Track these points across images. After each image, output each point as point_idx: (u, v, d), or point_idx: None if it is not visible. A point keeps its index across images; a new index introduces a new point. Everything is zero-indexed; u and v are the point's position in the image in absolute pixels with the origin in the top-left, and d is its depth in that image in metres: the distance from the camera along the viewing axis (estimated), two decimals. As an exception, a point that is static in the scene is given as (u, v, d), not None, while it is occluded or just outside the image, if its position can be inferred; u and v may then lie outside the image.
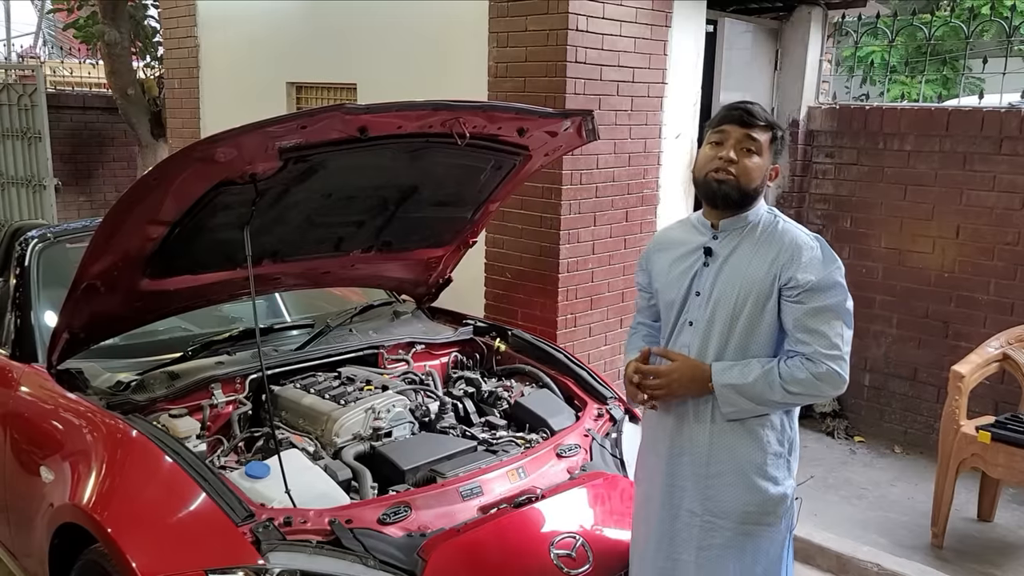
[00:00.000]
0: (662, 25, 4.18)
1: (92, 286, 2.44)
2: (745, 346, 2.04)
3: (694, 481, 2.09)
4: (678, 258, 2.15)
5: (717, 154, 2.03)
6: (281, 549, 2.03)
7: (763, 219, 2.08)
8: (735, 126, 2.02)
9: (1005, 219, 4.32)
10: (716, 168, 2.02)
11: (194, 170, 2.21)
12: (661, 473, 2.15)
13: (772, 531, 2.09)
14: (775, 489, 2.07)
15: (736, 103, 2.07)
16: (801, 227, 2.08)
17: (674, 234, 2.24)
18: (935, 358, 4.59)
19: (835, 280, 1.99)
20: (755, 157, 2.02)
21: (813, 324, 1.97)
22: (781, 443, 2.09)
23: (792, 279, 1.98)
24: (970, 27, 4.84)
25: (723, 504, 2.07)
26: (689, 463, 2.10)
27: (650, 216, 4.36)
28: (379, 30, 4.63)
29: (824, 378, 1.96)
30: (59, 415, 2.59)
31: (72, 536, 2.29)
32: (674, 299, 2.14)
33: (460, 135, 2.50)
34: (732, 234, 2.08)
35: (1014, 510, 3.98)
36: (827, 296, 1.97)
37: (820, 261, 1.99)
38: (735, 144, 2.01)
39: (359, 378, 2.94)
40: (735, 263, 2.05)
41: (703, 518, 2.08)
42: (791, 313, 1.99)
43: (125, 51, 7.28)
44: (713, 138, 2.06)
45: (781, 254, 2.00)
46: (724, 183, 2.02)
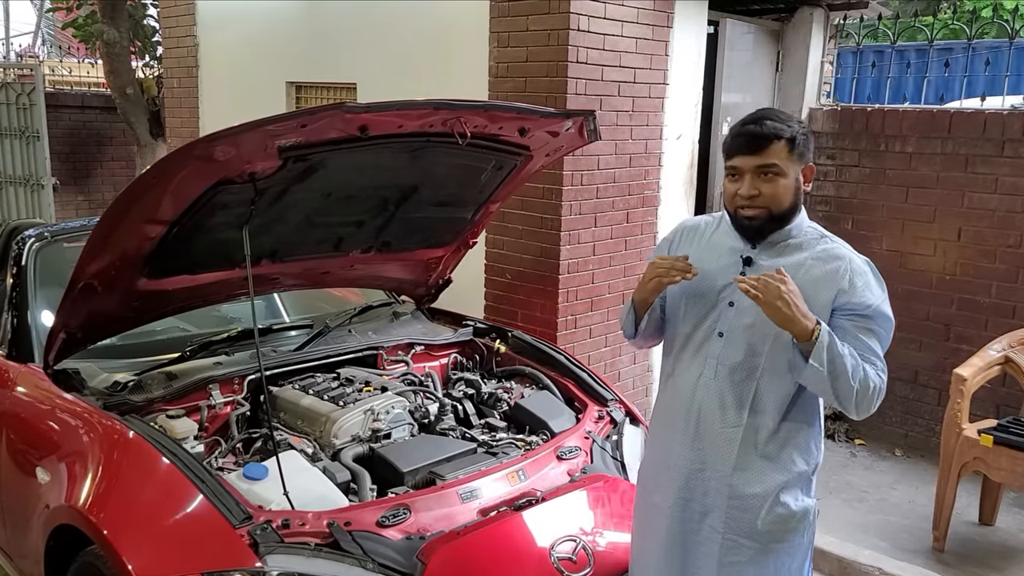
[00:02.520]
0: (663, 26, 4.17)
1: (89, 285, 2.42)
2: (780, 364, 1.93)
3: (715, 498, 1.99)
4: (711, 256, 2.03)
5: (736, 190, 1.92)
6: (279, 552, 2.01)
7: (807, 234, 1.99)
8: (744, 157, 1.91)
9: (1007, 221, 4.31)
10: (741, 205, 1.93)
11: (193, 169, 2.19)
12: (676, 487, 2.04)
13: (794, 546, 2.02)
14: (798, 506, 1.99)
15: (740, 127, 1.94)
16: (848, 246, 2.00)
17: (705, 229, 2.11)
18: (936, 361, 4.57)
19: (885, 311, 1.94)
20: (779, 180, 1.90)
21: (867, 343, 1.91)
22: (806, 462, 2.01)
23: (848, 303, 1.91)
24: (972, 29, 4.83)
25: (747, 524, 1.97)
26: (712, 479, 2.00)
27: (651, 217, 4.35)
28: (379, 30, 4.62)
29: (878, 395, 1.90)
30: (55, 416, 2.57)
31: (68, 538, 2.27)
32: (700, 296, 2.02)
33: (461, 135, 2.48)
34: (774, 247, 1.98)
35: (1016, 514, 3.97)
36: (877, 324, 1.93)
37: (875, 288, 1.94)
38: (751, 178, 1.90)
39: (358, 379, 2.92)
40: None
41: (725, 536, 1.99)
42: (844, 331, 1.90)
43: (124, 50, 7.26)
44: (728, 171, 1.95)
45: (838, 279, 1.92)
46: (754, 219, 1.93)
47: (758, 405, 1.96)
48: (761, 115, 1.94)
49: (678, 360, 2.09)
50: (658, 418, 2.17)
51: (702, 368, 2.01)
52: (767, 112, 1.96)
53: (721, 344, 1.99)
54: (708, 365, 2.00)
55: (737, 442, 1.97)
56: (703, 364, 2.01)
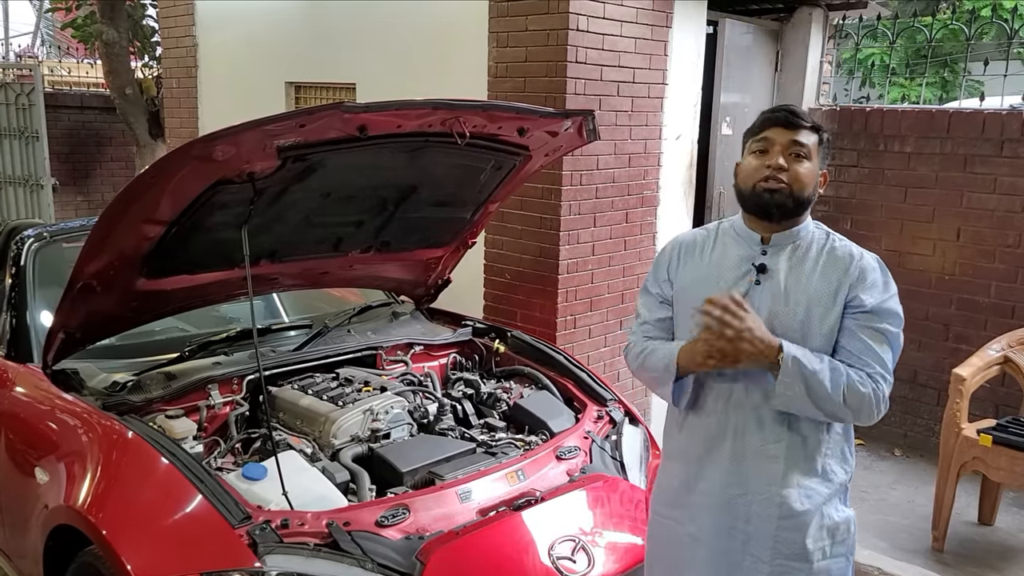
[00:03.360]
0: (663, 26, 4.17)
1: (88, 286, 2.41)
2: None
3: (760, 523, 1.89)
4: (719, 274, 1.94)
5: (764, 163, 1.86)
6: (278, 552, 2.01)
7: (814, 233, 1.95)
8: (780, 129, 1.86)
9: (1006, 221, 4.31)
10: (765, 177, 1.86)
11: (192, 168, 2.19)
12: (713, 515, 1.93)
13: (839, 559, 1.95)
14: (840, 517, 1.94)
15: (777, 106, 1.93)
16: (855, 244, 1.95)
17: (704, 244, 2.01)
18: (935, 361, 4.58)
19: (894, 309, 1.89)
20: (805, 162, 1.86)
21: (872, 344, 1.86)
22: (846, 471, 1.97)
23: (857, 298, 1.86)
24: (971, 29, 4.83)
25: (797, 545, 1.89)
26: (755, 503, 1.89)
27: (650, 217, 4.35)
28: (378, 30, 4.62)
29: (878, 399, 1.85)
30: (54, 416, 2.57)
31: (67, 538, 2.27)
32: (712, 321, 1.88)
33: (460, 134, 2.48)
34: (784, 249, 1.92)
35: (1015, 514, 3.97)
36: (883, 321, 1.87)
37: (881, 287, 1.89)
38: (783, 150, 1.85)
39: (357, 379, 2.92)
40: (796, 282, 1.88)
41: (772, 564, 1.88)
42: (849, 331, 1.87)
43: (123, 51, 7.26)
44: (756, 146, 1.89)
45: (849, 272, 1.87)
46: (777, 192, 1.85)
47: (795, 416, 1.88)
48: (797, 107, 1.94)
49: (702, 384, 1.95)
50: (680, 445, 2.02)
51: (731, 388, 1.91)
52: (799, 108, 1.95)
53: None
54: (738, 383, 1.90)
55: (781, 458, 1.88)
56: (732, 383, 1.91)
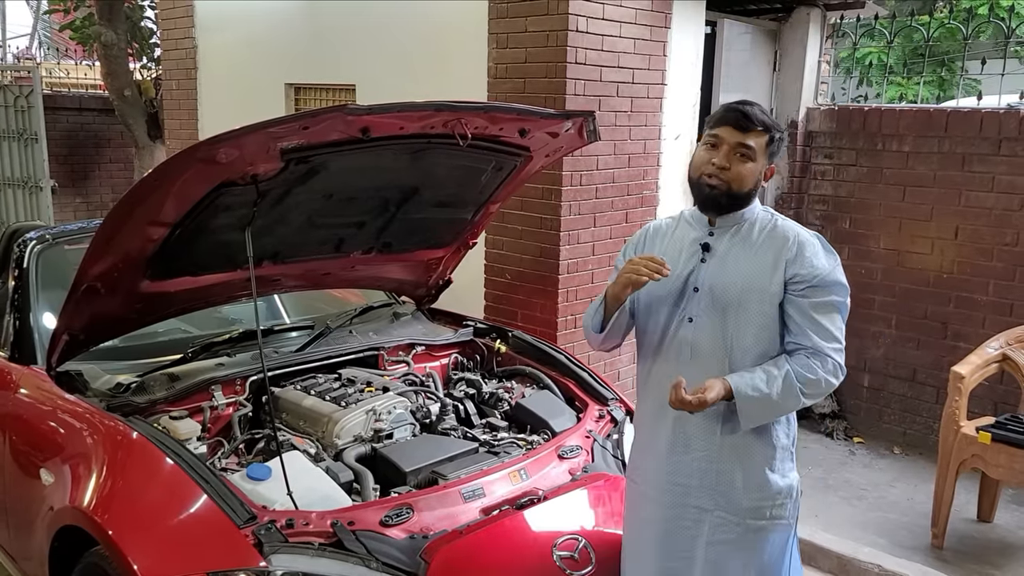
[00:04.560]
0: (661, 26, 4.18)
1: (92, 287, 2.42)
2: (745, 340, 2.05)
3: (701, 478, 2.09)
4: (673, 253, 2.14)
5: (711, 158, 2.04)
6: (283, 551, 2.02)
7: (759, 216, 2.11)
8: (731, 129, 2.02)
9: (1004, 220, 4.33)
10: (708, 173, 2.04)
11: (195, 171, 2.20)
12: (662, 472, 2.14)
13: (780, 522, 2.11)
14: (783, 481, 2.10)
15: (734, 104, 2.06)
16: (798, 224, 2.11)
17: (667, 228, 2.23)
18: (934, 359, 4.59)
19: (837, 277, 2.04)
20: (748, 163, 2.03)
21: (817, 317, 2.01)
22: (788, 435, 2.13)
23: (797, 275, 2.02)
24: (968, 28, 4.85)
25: (734, 500, 2.07)
26: (696, 460, 2.09)
27: (650, 217, 4.36)
28: (378, 31, 4.63)
29: (831, 372, 2.01)
30: (59, 417, 2.58)
31: (72, 539, 2.28)
32: (667, 294, 2.12)
33: (462, 136, 2.49)
34: (729, 230, 2.10)
35: (1014, 511, 3.99)
36: (830, 292, 2.03)
37: (823, 256, 2.04)
38: (729, 150, 2.02)
39: (360, 380, 2.93)
40: (736, 258, 2.07)
41: (714, 514, 2.08)
42: (795, 306, 2.03)
43: (122, 52, 7.26)
44: (708, 140, 2.07)
45: (786, 250, 2.03)
46: (715, 188, 2.04)
47: None
48: (754, 104, 2.06)
49: (656, 353, 2.16)
50: (642, 413, 2.25)
51: (678, 354, 2.11)
52: (758, 104, 2.08)
53: (692, 328, 2.08)
54: (683, 351, 2.10)
55: (722, 418, 2.05)
56: (679, 350, 2.11)
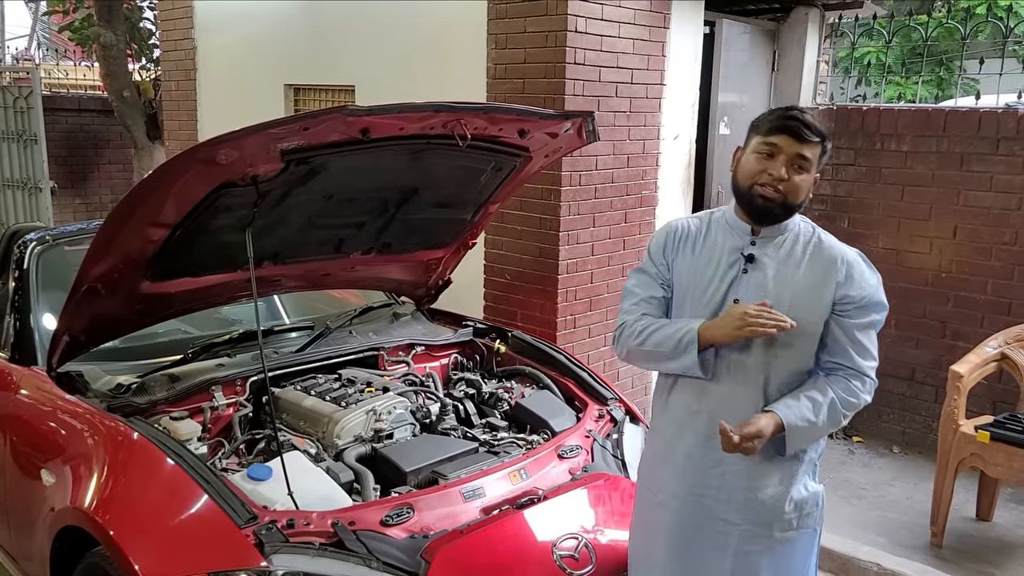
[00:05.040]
0: (660, 26, 4.19)
1: (93, 288, 2.43)
2: (784, 358, 1.99)
3: (729, 493, 2.03)
4: (708, 263, 2.05)
5: (766, 168, 1.93)
6: (284, 551, 2.02)
7: (802, 229, 2.05)
8: (790, 139, 1.91)
9: (1002, 219, 4.34)
10: (763, 183, 1.94)
11: (196, 172, 2.20)
12: (684, 484, 2.08)
13: (806, 532, 2.09)
14: (809, 492, 2.08)
15: (791, 113, 1.95)
16: (837, 239, 2.07)
17: (696, 233, 2.10)
18: (933, 358, 4.60)
19: (880, 297, 2.03)
20: (804, 174, 1.94)
21: (859, 337, 2.00)
22: (816, 450, 2.10)
23: (847, 296, 1.98)
24: (966, 28, 4.85)
25: (762, 514, 2.03)
26: (725, 475, 2.03)
27: (648, 217, 4.37)
28: (377, 31, 4.63)
29: (868, 391, 2.02)
30: (59, 418, 2.59)
31: (73, 539, 2.28)
32: (704, 305, 2.03)
33: (461, 136, 2.50)
34: (773, 240, 2.02)
35: (1012, 509, 3.99)
36: (873, 312, 2.01)
37: (868, 278, 2.01)
38: (787, 161, 1.92)
39: (360, 380, 2.94)
40: (783, 273, 1.99)
41: (741, 528, 2.03)
42: (840, 326, 1.99)
43: (121, 53, 7.26)
44: (763, 148, 1.94)
45: (835, 270, 1.99)
46: (771, 200, 1.94)
47: (769, 399, 2.00)
48: (806, 111, 1.98)
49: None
50: (663, 421, 2.16)
51: (715, 369, 2.02)
52: (809, 112, 2.00)
53: (735, 347, 1.99)
54: (720, 365, 2.01)
55: None
56: (712, 365, 2.01)
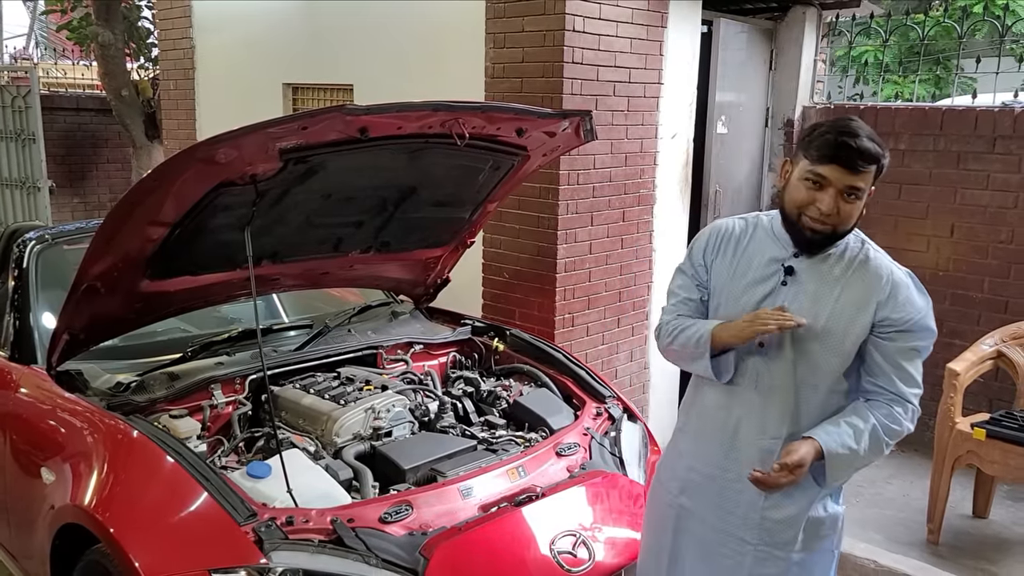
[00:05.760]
0: (658, 26, 4.19)
1: (92, 287, 2.44)
2: (817, 376, 1.93)
3: (747, 510, 1.98)
4: (747, 268, 1.98)
5: (815, 201, 1.82)
6: (284, 548, 2.04)
7: (850, 244, 1.94)
8: (840, 171, 1.79)
9: (999, 217, 4.35)
10: (813, 216, 1.84)
11: (195, 171, 2.21)
12: (709, 495, 2.04)
13: (823, 553, 2.04)
14: (828, 513, 2.02)
15: (841, 140, 1.78)
16: (889, 257, 1.96)
17: (740, 235, 2.03)
18: (930, 356, 4.59)
19: (928, 324, 1.92)
20: (858, 203, 1.84)
21: (902, 362, 1.91)
22: None
23: (888, 318, 1.88)
24: (963, 27, 4.87)
25: (780, 535, 1.98)
26: (746, 490, 1.96)
27: (647, 216, 4.38)
28: (375, 31, 4.64)
29: (911, 419, 1.93)
30: (59, 416, 2.60)
31: (73, 537, 2.29)
32: (739, 310, 1.95)
33: (460, 136, 2.51)
34: (816, 256, 1.93)
35: (1009, 506, 4.01)
36: (919, 338, 1.91)
37: (915, 302, 1.90)
38: (837, 194, 1.81)
39: (358, 378, 2.95)
40: (822, 290, 1.91)
41: (757, 548, 1.98)
42: (881, 350, 1.90)
43: (119, 52, 7.26)
44: (811, 176, 1.82)
45: (878, 290, 1.89)
46: (818, 233, 1.86)
47: (798, 418, 1.94)
48: (865, 131, 1.82)
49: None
50: (690, 424, 2.12)
51: (742, 379, 1.98)
52: (867, 128, 1.83)
53: (762, 355, 1.95)
54: (748, 376, 1.97)
55: (776, 454, 1.91)
56: (743, 375, 1.98)
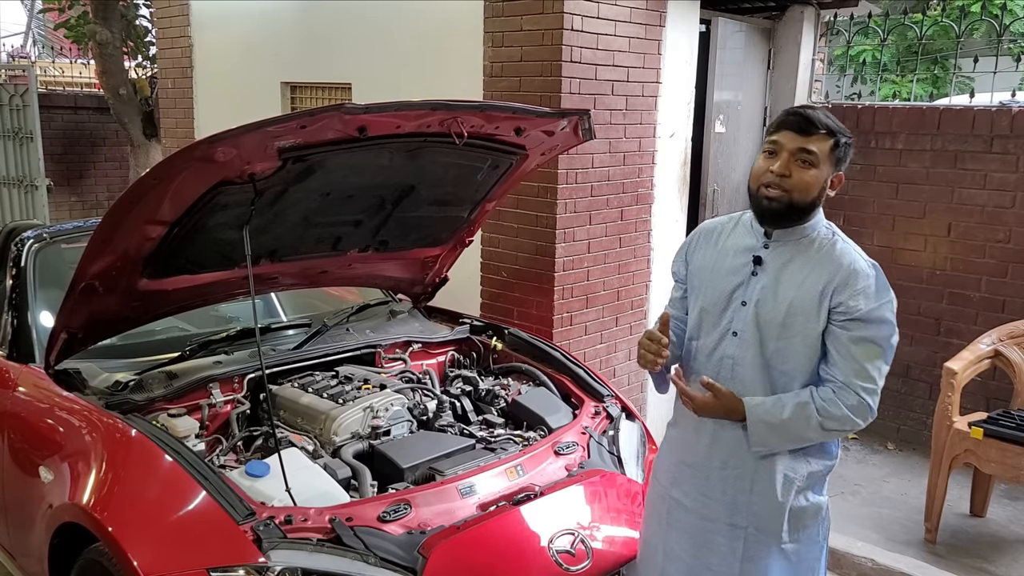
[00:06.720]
0: (656, 25, 4.20)
1: (90, 286, 2.43)
2: (787, 363, 1.96)
3: (735, 496, 2.03)
4: (723, 260, 2.05)
5: (769, 166, 1.90)
6: (282, 547, 2.03)
7: (820, 234, 1.97)
8: (792, 134, 1.89)
9: (996, 217, 4.36)
10: (767, 183, 1.90)
11: (193, 170, 2.21)
12: (698, 484, 2.09)
13: (811, 542, 2.08)
14: (809, 503, 2.05)
15: (794, 108, 1.93)
16: (859, 250, 1.98)
17: (722, 230, 2.11)
18: (927, 355, 4.62)
19: (883, 315, 1.91)
20: (811, 170, 1.89)
21: (854, 353, 1.91)
22: (821, 463, 2.06)
23: (841, 304, 1.90)
24: (961, 26, 4.87)
25: (765, 521, 2.02)
26: (730, 479, 2.03)
27: (645, 215, 4.38)
28: (374, 30, 4.63)
29: (857, 410, 1.92)
30: (58, 415, 2.59)
31: (72, 536, 2.29)
32: (714, 303, 2.03)
33: (458, 135, 2.51)
34: (786, 245, 1.98)
35: (1006, 505, 4.02)
36: (873, 329, 1.91)
37: (873, 292, 1.91)
38: (789, 157, 1.89)
39: (357, 377, 2.95)
40: (787, 278, 1.95)
41: (748, 531, 2.03)
42: (834, 337, 1.93)
43: (117, 51, 7.25)
44: (767, 147, 1.93)
45: (836, 276, 1.91)
46: (775, 201, 1.90)
47: None
48: (816, 107, 1.95)
49: (696, 362, 2.10)
50: (679, 416, 2.18)
51: (719, 368, 2.03)
52: (821, 108, 1.96)
53: (736, 343, 2.00)
54: (724, 365, 2.02)
55: None
56: (719, 364, 2.03)
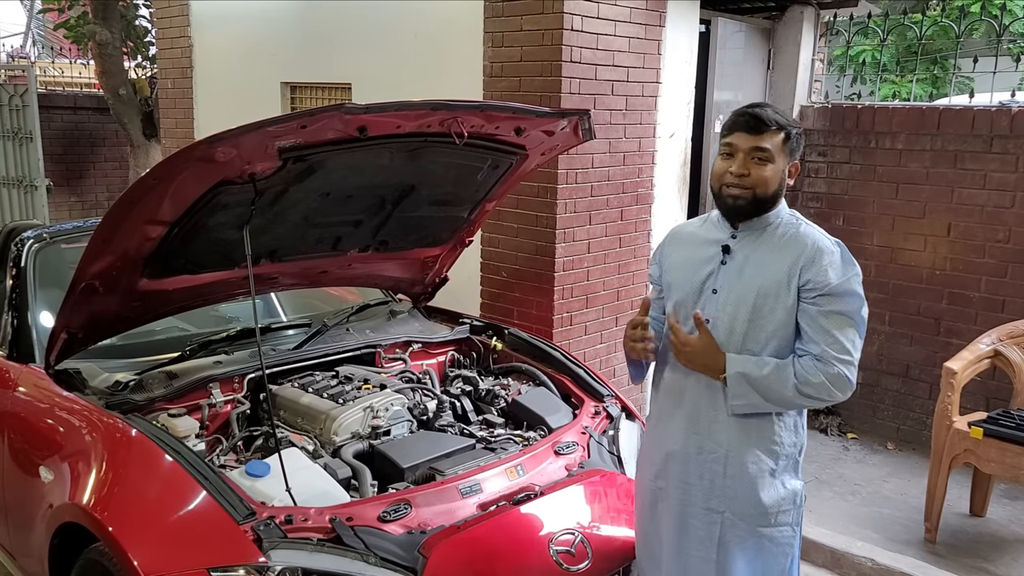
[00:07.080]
0: (656, 25, 4.20)
1: (91, 286, 2.43)
2: (761, 345, 2.04)
3: (712, 480, 2.10)
4: (694, 254, 2.14)
5: (728, 168, 2.02)
6: (283, 547, 2.03)
7: (784, 220, 2.08)
8: (744, 135, 2.00)
9: (996, 217, 4.36)
10: (728, 183, 2.02)
11: (193, 170, 2.21)
12: (677, 472, 2.15)
13: (784, 528, 2.13)
14: (787, 488, 2.11)
15: (744, 108, 2.04)
16: (823, 231, 2.08)
17: (692, 229, 2.23)
18: (927, 355, 4.63)
19: (852, 288, 2.00)
20: (768, 165, 2.00)
21: (827, 326, 1.98)
22: (794, 445, 2.13)
23: (810, 281, 1.99)
24: (960, 26, 4.87)
25: (740, 504, 2.08)
26: (706, 463, 2.10)
27: (644, 215, 4.38)
28: (374, 30, 4.64)
29: (834, 380, 1.98)
30: (58, 415, 2.59)
31: (72, 536, 2.29)
32: (688, 294, 2.12)
33: (458, 135, 2.51)
34: (752, 234, 2.08)
35: (1006, 505, 4.02)
36: (842, 302, 1.99)
37: (839, 266, 2.00)
38: (745, 156, 2.00)
39: (357, 377, 2.95)
40: (755, 263, 2.05)
41: (724, 515, 2.09)
42: (806, 314, 2.00)
43: (116, 51, 7.25)
44: (724, 150, 2.04)
45: (802, 256, 2.01)
46: (739, 199, 2.02)
47: None
48: (764, 105, 2.05)
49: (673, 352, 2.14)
50: (656, 409, 2.27)
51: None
52: (769, 105, 2.07)
53: (709, 330, 2.07)
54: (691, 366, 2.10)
55: (732, 425, 2.07)
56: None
